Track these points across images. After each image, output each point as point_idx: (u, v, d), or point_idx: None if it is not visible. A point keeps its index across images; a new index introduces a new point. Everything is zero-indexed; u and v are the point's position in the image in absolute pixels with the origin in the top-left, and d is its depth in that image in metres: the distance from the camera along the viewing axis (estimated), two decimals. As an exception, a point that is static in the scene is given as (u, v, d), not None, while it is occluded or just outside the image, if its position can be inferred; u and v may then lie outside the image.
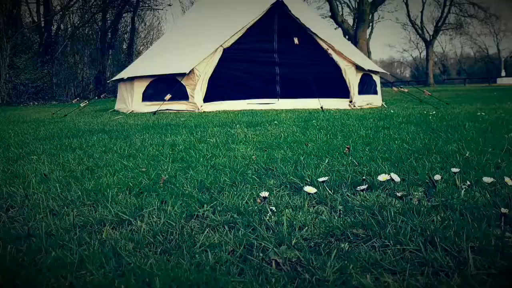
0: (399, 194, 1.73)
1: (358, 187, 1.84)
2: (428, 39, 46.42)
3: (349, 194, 1.81)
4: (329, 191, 1.85)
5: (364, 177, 1.96)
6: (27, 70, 18.17)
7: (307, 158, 2.64)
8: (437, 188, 1.81)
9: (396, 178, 1.83)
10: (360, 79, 10.13)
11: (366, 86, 10.47)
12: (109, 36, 24.40)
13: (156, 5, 27.07)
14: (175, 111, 9.13)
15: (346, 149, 2.79)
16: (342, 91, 9.86)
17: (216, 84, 9.55)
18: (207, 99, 9.35)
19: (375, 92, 11.00)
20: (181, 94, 9.25)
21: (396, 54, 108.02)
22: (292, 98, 9.67)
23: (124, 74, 10.62)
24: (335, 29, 36.66)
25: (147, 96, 9.71)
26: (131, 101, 9.94)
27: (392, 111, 7.42)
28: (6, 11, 18.75)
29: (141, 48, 28.91)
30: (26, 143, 4.06)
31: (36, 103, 18.66)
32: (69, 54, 22.33)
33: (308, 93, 9.22)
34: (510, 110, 7.19)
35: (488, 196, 1.66)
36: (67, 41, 21.59)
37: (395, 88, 11.99)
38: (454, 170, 1.91)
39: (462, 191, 1.72)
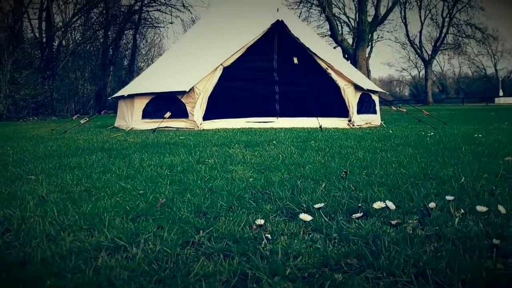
0: (393, 222, 1.75)
1: (354, 215, 1.85)
2: (427, 58, 46.81)
3: (344, 222, 1.82)
4: (325, 218, 1.86)
5: (359, 204, 1.97)
6: (27, 85, 18.28)
7: (304, 182, 2.65)
8: (431, 216, 1.82)
9: (391, 205, 1.84)
10: (359, 99, 10.19)
11: (365, 106, 10.53)
12: (111, 52, 24.59)
13: (158, 23, 27.35)
14: (175, 129, 9.17)
15: (343, 173, 2.81)
16: (341, 111, 9.92)
17: (216, 102, 9.60)
18: (206, 117, 9.40)
19: (374, 112, 11.06)
20: (181, 112, 9.30)
21: (395, 73, 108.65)
22: (292, 117, 9.72)
23: (125, 91, 10.67)
24: (335, 47, 36.97)
25: (147, 113, 9.75)
26: (131, 118, 9.97)
27: (390, 131, 7.45)
28: (8, 26, 18.92)
29: (142, 64, 29.13)
30: (25, 162, 4.08)
31: (36, 118, 18.72)
32: (70, 70, 22.47)
33: (307, 112, 9.28)
34: (508, 131, 7.23)
35: (481, 225, 1.68)
36: (69, 57, 21.74)
37: (393, 107, 12.07)
38: (449, 198, 1.92)
39: (456, 220, 1.74)
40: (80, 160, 4.04)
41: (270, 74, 10.15)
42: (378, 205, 1.84)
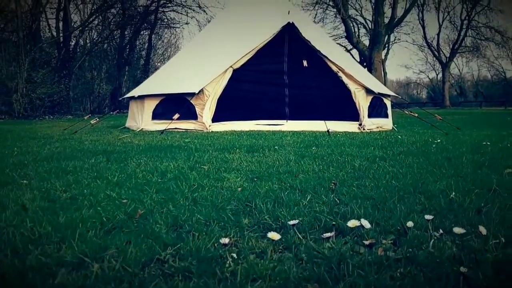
0: (367, 243, 1.69)
1: (324, 234, 1.80)
2: (444, 61, 46.16)
3: (316, 241, 1.77)
4: (299, 235, 1.81)
5: (334, 223, 1.92)
6: (44, 84, 18.50)
7: (290, 193, 2.60)
8: (408, 236, 1.76)
9: (366, 224, 1.79)
10: (370, 102, 10.08)
11: (377, 110, 10.41)
12: (127, 52, 24.78)
13: (174, 24, 27.46)
14: (184, 130, 9.19)
15: (333, 184, 2.75)
16: (352, 114, 9.82)
17: (225, 104, 9.60)
18: (215, 119, 9.40)
19: (386, 116, 10.93)
20: (190, 114, 9.32)
21: (413, 75, 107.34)
22: (301, 120, 9.66)
23: (135, 92, 10.74)
24: (350, 49, 36.70)
25: (157, 114, 9.79)
26: (141, 119, 10.03)
27: (399, 136, 7.35)
28: (25, 26, 19.18)
29: (159, 64, 29.30)
30: (24, 164, 4.09)
31: (51, 117, 18.95)
32: (87, 69, 22.70)
33: (317, 115, 9.19)
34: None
35: (455, 249, 1.61)
36: (85, 56, 21.96)
37: (406, 111, 11.92)
38: (428, 217, 1.86)
39: (431, 242, 1.67)
40: (78, 164, 4.04)
41: (280, 77, 10.10)
42: (352, 223, 1.79)
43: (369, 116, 9.98)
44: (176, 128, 9.29)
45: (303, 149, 5.00)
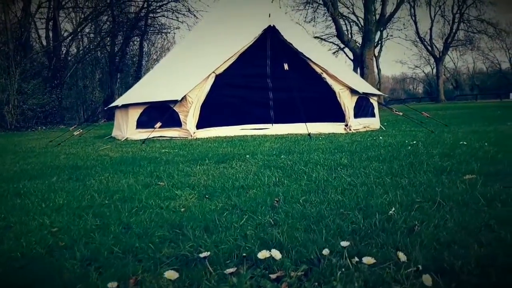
0: (273, 276, 1.59)
1: (227, 270, 1.69)
2: (438, 55, 45.91)
3: (220, 275, 1.67)
4: (209, 268, 1.72)
5: (244, 254, 1.82)
6: (35, 95, 18.45)
7: (229, 214, 2.51)
8: (320, 266, 1.66)
9: (277, 255, 1.69)
10: (356, 102, 9.98)
11: (363, 109, 10.31)
12: (118, 59, 24.71)
13: (164, 29, 27.38)
14: (169, 138, 9.10)
15: (276, 201, 2.66)
16: (338, 115, 9.73)
17: (210, 110, 9.51)
18: (201, 125, 9.32)
19: (373, 115, 10.83)
20: (174, 121, 9.24)
21: (408, 70, 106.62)
22: (287, 123, 9.57)
23: (119, 101, 10.66)
24: (343, 48, 36.53)
25: (141, 123, 9.71)
26: (126, 128, 9.95)
27: (381, 137, 7.24)
28: (15, 37, 19.14)
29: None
30: (-18, 186, 4.01)
31: (44, 127, 18.91)
32: (79, 77, 22.65)
33: (302, 118, 9.09)
34: (504, 134, 6.98)
35: (362, 282, 1.51)
36: (76, 65, 21.91)
37: (395, 110, 11.80)
38: (344, 244, 1.76)
39: (339, 274, 1.57)
40: (36, 184, 3.96)
41: (264, 81, 10.01)
42: (263, 254, 1.69)
43: (356, 116, 9.88)
44: (161, 136, 9.22)
45: (273, 158, 4.90)
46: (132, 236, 2.21)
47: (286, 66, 9.07)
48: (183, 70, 10.02)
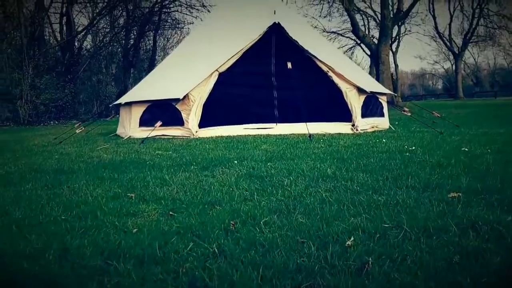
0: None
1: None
2: (457, 51, 44.88)
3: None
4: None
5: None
6: (47, 90, 18.54)
7: (177, 240, 2.31)
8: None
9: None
10: (364, 102, 9.68)
11: (371, 109, 10.00)
12: (131, 54, 24.68)
13: (178, 24, 27.22)
14: (171, 137, 8.97)
15: (232, 225, 2.46)
16: (345, 115, 9.46)
17: (214, 108, 9.35)
18: (204, 124, 9.16)
19: (382, 115, 10.51)
20: (176, 120, 9.10)
21: (427, 66, 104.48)
22: (291, 122, 9.34)
23: (123, 99, 10.57)
24: (359, 44, 35.83)
25: (144, 121, 9.59)
26: (129, 126, 9.85)
27: (384, 140, 6.99)
28: (28, 32, 19.24)
29: (167, 64, 29.10)
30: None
31: (56, 122, 19.00)
32: (93, 72, 22.70)
33: (308, 117, 8.85)
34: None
35: None
36: (90, 59, 21.96)
37: (406, 109, 11.44)
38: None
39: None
40: (8, 191, 3.84)
41: (268, 79, 9.77)
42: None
43: (364, 116, 9.58)
44: (163, 135, 9.09)
45: (259, 165, 4.68)
46: (63, 266, 2.03)
47: (289, 65, 8.84)
48: (187, 68, 9.85)
